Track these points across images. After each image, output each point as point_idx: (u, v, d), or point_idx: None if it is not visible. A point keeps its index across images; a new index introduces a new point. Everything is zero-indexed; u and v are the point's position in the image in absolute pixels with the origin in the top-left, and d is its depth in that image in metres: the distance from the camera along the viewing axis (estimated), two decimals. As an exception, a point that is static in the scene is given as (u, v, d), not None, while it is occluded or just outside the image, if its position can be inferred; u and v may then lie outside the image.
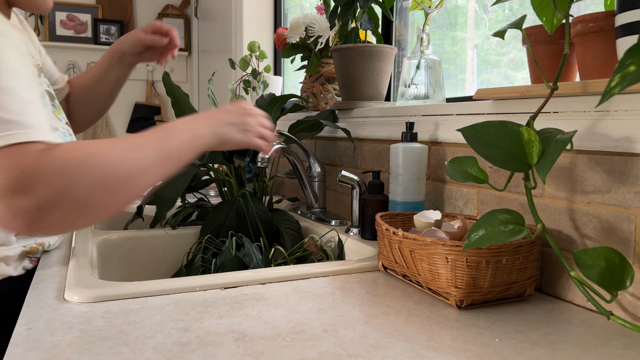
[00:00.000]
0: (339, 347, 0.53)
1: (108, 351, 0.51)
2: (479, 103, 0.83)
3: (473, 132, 0.63)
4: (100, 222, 0.80)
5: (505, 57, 1.20)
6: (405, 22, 1.50)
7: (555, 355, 0.53)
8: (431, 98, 1.05)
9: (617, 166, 0.64)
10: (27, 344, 0.52)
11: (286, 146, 1.12)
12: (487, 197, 0.84)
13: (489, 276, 0.64)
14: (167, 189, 0.99)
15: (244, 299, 0.67)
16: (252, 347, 0.53)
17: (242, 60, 1.70)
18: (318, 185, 1.23)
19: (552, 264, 0.72)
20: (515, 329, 0.60)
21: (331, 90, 1.42)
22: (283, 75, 2.32)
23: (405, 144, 0.92)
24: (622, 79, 0.43)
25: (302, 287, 0.73)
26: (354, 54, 1.18)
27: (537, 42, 0.75)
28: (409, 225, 0.88)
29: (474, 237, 0.59)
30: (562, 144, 0.57)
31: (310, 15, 1.39)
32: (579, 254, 0.56)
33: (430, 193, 0.97)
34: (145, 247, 1.07)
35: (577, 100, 0.67)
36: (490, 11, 1.24)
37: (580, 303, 0.68)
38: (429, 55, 1.06)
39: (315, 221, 1.18)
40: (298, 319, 0.61)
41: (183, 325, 0.58)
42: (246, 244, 0.93)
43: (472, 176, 0.67)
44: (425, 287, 0.71)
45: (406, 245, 0.71)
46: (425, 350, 0.53)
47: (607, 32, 0.64)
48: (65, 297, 0.66)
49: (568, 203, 0.70)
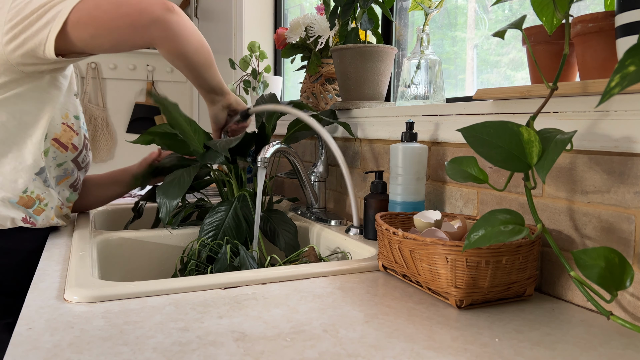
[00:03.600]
0: (339, 347, 0.53)
1: (108, 351, 0.51)
2: (479, 103, 0.83)
3: (473, 132, 0.63)
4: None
5: (505, 57, 1.20)
6: (405, 22, 1.50)
7: (555, 355, 0.53)
8: (431, 98, 1.05)
9: (617, 166, 0.64)
10: (27, 344, 0.52)
11: (286, 146, 1.12)
12: (487, 197, 0.84)
13: (489, 276, 0.64)
14: (169, 189, 0.98)
15: (244, 299, 0.67)
16: (252, 347, 0.53)
17: (242, 60, 1.71)
18: (318, 185, 1.23)
19: (552, 264, 0.73)
20: (515, 328, 0.60)
21: (331, 91, 1.42)
22: (283, 75, 2.32)
23: (405, 144, 0.92)
24: (622, 79, 0.43)
25: (302, 287, 0.73)
26: (354, 54, 1.18)
27: (537, 42, 0.75)
28: (409, 225, 0.89)
29: (474, 237, 0.59)
30: (562, 144, 0.57)
31: (310, 16, 1.39)
32: (578, 254, 0.56)
33: (430, 193, 0.97)
34: (146, 247, 1.07)
35: (577, 101, 0.67)
36: (490, 11, 1.24)
37: (580, 303, 0.68)
38: (429, 55, 1.06)
39: (315, 221, 1.18)
40: (298, 319, 0.61)
41: (183, 325, 0.58)
42: (241, 252, 0.93)
43: (472, 176, 0.67)
44: (425, 287, 0.71)
45: (406, 245, 0.71)
46: (425, 350, 0.53)
47: (607, 32, 0.64)
48: (65, 297, 0.66)
49: (568, 203, 0.70)
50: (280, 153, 1.14)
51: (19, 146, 0.94)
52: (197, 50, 0.97)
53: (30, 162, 0.95)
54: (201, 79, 1.04)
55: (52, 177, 1.01)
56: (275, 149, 1.07)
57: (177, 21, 0.92)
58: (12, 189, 0.94)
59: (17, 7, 0.87)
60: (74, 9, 0.86)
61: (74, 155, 1.04)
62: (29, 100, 0.93)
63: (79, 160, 1.06)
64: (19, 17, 0.87)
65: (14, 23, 0.87)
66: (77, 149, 1.05)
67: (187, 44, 0.95)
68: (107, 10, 0.87)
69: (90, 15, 0.87)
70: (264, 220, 1.08)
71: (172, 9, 0.91)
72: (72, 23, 0.86)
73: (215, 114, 1.14)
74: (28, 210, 0.97)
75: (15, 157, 0.94)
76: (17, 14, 0.87)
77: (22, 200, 0.96)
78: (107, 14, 0.87)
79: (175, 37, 0.93)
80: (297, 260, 0.96)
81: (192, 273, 0.96)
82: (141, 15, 0.88)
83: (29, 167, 0.95)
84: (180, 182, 1.00)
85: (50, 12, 0.86)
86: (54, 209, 1.01)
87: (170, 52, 0.95)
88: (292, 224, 1.07)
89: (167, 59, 0.97)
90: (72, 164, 1.05)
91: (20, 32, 0.86)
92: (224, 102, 1.12)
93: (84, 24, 0.87)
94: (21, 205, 0.96)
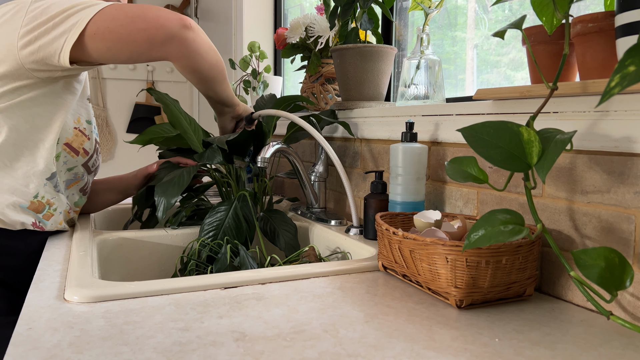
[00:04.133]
0: (339, 347, 0.54)
1: (108, 351, 0.51)
2: (479, 103, 0.83)
3: (473, 132, 0.63)
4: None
5: (505, 57, 1.20)
6: (405, 22, 1.50)
7: (555, 355, 0.53)
8: (431, 98, 1.05)
9: (616, 166, 0.64)
10: (27, 344, 0.52)
11: (286, 146, 1.12)
12: (487, 197, 0.84)
13: (489, 276, 0.64)
14: (168, 188, 0.98)
15: (244, 299, 0.67)
16: (252, 347, 0.53)
17: (242, 60, 1.71)
18: (318, 185, 1.23)
19: (552, 264, 0.73)
20: (515, 328, 0.60)
21: (331, 91, 1.42)
22: (283, 75, 2.32)
23: (405, 144, 0.92)
24: (622, 79, 0.43)
25: (302, 287, 0.73)
26: (354, 54, 1.18)
27: (537, 42, 0.75)
28: (409, 225, 0.89)
29: (474, 237, 0.59)
30: (562, 144, 0.57)
31: (310, 16, 1.39)
32: (578, 254, 0.56)
33: (430, 193, 0.97)
34: (146, 247, 1.07)
35: (577, 101, 0.67)
36: (490, 11, 1.24)
37: (580, 303, 0.68)
38: (429, 55, 1.06)
39: (315, 221, 1.18)
40: (298, 319, 0.61)
41: (183, 325, 0.58)
42: (241, 252, 0.93)
43: (472, 176, 0.67)
44: (425, 287, 0.71)
45: (406, 245, 0.71)
46: (425, 350, 0.53)
47: (607, 32, 0.64)
48: (65, 297, 0.66)
49: (568, 203, 0.70)
50: (280, 153, 1.14)
51: (31, 150, 0.94)
52: (211, 66, 0.99)
53: (42, 166, 0.95)
54: (212, 92, 1.05)
55: (62, 182, 1.01)
56: (275, 149, 1.07)
57: (194, 39, 0.92)
58: (24, 193, 0.94)
59: (35, 11, 0.87)
60: (92, 21, 0.86)
61: (85, 160, 1.04)
62: (42, 104, 0.93)
63: (89, 164, 1.06)
64: (36, 22, 0.86)
65: (31, 27, 0.86)
66: (88, 153, 1.04)
67: (202, 61, 0.96)
68: (125, 24, 0.87)
69: (108, 28, 0.87)
70: (264, 220, 1.08)
71: (189, 26, 0.91)
72: (89, 35, 0.86)
73: (224, 124, 1.16)
74: (38, 215, 0.97)
75: (28, 162, 0.94)
76: (34, 18, 0.86)
77: (33, 205, 0.96)
78: (124, 28, 0.87)
79: (191, 54, 0.93)
80: (297, 260, 0.96)
81: (192, 273, 0.96)
82: (158, 30, 0.88)
83: (41, 172, 0.95)
84: (180, 181, 1.00)
85: (68, 21, 0.86)
86: (62, 214, 1.02)
87: (185, 68, 0.96)
88: (292, 224, 1.07)
89: (181, 73, 0.98)
90: (83, 169, 1.05)
91: (36, 38, 0.86)
92: (234, 114, 1.14)
93: (101, 37, 0.87)
94: (31, 210, 0.96)
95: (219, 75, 1.02)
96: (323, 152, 1.24)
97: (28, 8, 0.88)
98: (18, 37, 0.86)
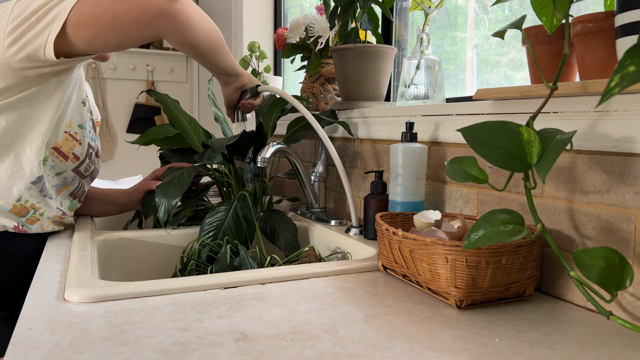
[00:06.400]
0: (339, 347, 0.54)
1: (108, 351, 0.51)
2: (479, 103, 0.83)
3: (473, 132, 0.63)
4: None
5: (505, 57, 1.20)
6: (405, 22, 1.50)
7: (555, 355, 0.53)
8: (431, 98, 1.05)
9: (616, 166, 0.64)
10: (27, 344, 0.52)
11: (286, 146, 1.12)
12: (487, 197, 0.84)
13: (489, 276, 0.64)
14: (169, 189, 0.98)
15: (244, 299, 0.67)
16: (252, 347, 0.53)
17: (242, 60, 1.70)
18: (318, 185, 1.23)
19: (552, 264, 0.73)
20: (515, 328, 0.60)
21: (331, 91, 1.42)
22: (283, 75, 2.32)
23: (405, 144, 0.92)
24: (622, 79, 0.43)
25: (302, 287, 0.73)
26: (353, 54, 1.18)
27: (537, 42, 0.75)
28: (409, 225, 0.89)
29: (474, 237, 0.59)
30: (562, 144, 0.57)
31: (310, 16, 1.39)
32: (578, 254, 0.56)
33: (430, 193, 0.97)
34: (146, 247, 1.07)
35: (576, 101, 0.67)
36: (490, 11, 1.24)
37: (580, 303, 0.68)
38: (429, 55, 1.06)
39: (315, 221, 1.18)
40: (298, 319, 0.61)
41: (183, 325, 0.58)
42: (241, 252, 0.93)
43: (472, 176, 0.67)
44: (425, 287, 0.71)
45: (406, 245, 0.71)
46: (425, 350, 0.53)
47: (607, 32, 0.64)
48: (65, 297, 0.66)
49: (568, 203, 0.70)
50: (280, 153, 1.14)
51: (17, 153, 0.92)
52: (207, 37, 0.95)
53: (27, 170, 0.93)
54: (212, 64, 1.02)
55: (51, 186, 0.99)
56: (275, 149, 1.07)
57: (183, 10, 0.88)
58: (6, 196, 0.92)
59: (19, 8, 0.86)
60: (74, 9, 0.84)
61: (75, 164, 1.01)
62: (30, 106, 0.91)
63: (80, 169, 1.03)
64: (19, 18, 0.85)
65: (15, 25, 0.85)
66: (79, 158, 1.01)
67: (197, 33, 0.93)
68: (108, 8, 0.84)
69: (92, 14, 0.84)
70: (264, 220, 1.08)
71: None
72: (73, 23, 0.84)
73: (228, 94, 1.12)
74: (20, 219, 0.95)
75: (13, 164, 0.92)
76: (18, 15, 0.85)
77: (15, 209, 0.94)
78: (108, 12, 0.84)
79: (183, 27, 0.90)
80: (297, 260, 0.96)
81: (192, 273, 0.96)
82: (144, 9, 0.84)
83: (25, 176, 0.93)
84: (180, 181, 1.00)
85: (50, 13, 0.84)
86: (51, 219, 1.00)
87: (179, 43, 0.93)
88: (292, 224, 1.07)
89: (177, 48, 0.95)
90: (73, 173, 1.03)
91: (21, 35, 0.85)
92: (238, 84, 1.10)
93: (85, 24, 0.84)
94: (13, 214, 0.94)
95: (216, 45, 0.98)
96: (323, 152, 1.24)
97: (14, 5, 0.87)
98: (4, 36, 0.85)
